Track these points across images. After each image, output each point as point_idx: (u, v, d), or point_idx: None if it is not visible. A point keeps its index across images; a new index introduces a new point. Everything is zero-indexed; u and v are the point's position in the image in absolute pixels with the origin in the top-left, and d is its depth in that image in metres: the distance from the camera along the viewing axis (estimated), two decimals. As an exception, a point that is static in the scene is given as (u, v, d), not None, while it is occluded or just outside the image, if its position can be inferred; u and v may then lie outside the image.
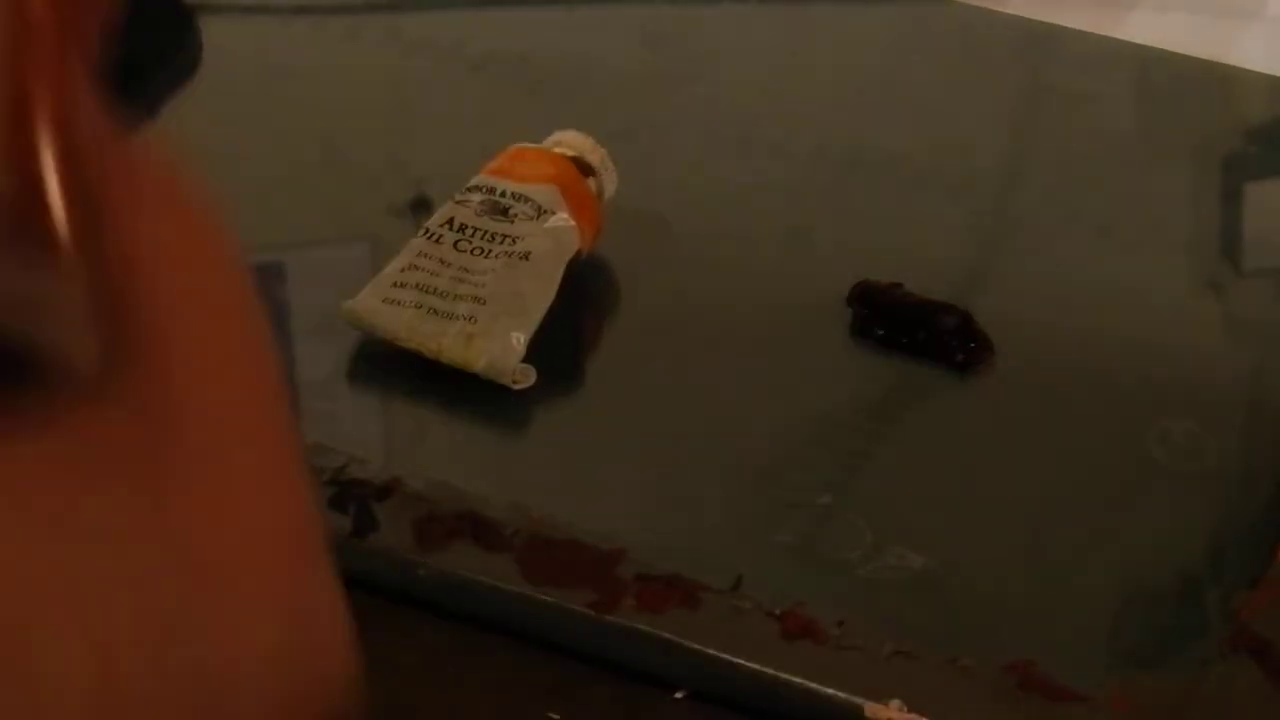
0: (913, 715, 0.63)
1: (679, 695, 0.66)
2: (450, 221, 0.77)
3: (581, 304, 0.77)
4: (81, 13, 0.28)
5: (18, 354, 0.28)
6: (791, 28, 0.93)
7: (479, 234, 0.76)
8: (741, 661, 0.65)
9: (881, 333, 0.76)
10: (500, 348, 0.73)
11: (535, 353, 0.73)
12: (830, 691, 0.64)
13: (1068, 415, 0.74)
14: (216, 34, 0.91)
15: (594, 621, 0.66)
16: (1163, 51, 0.92)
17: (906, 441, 0.72)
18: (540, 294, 0.75)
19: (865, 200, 0.83)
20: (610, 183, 0.79)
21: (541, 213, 0.76)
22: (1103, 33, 0.93)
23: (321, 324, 0.76)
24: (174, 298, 0.30)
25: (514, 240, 0.76)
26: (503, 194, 0.77)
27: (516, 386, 0.73)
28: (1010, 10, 0.94)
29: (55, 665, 0.27)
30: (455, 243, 0.76)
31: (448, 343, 0.73)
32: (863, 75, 0.90)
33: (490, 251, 0.76)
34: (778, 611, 0.66)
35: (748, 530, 0.69)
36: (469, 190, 0.77)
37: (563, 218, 0.76)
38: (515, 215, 0.76)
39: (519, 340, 0.73)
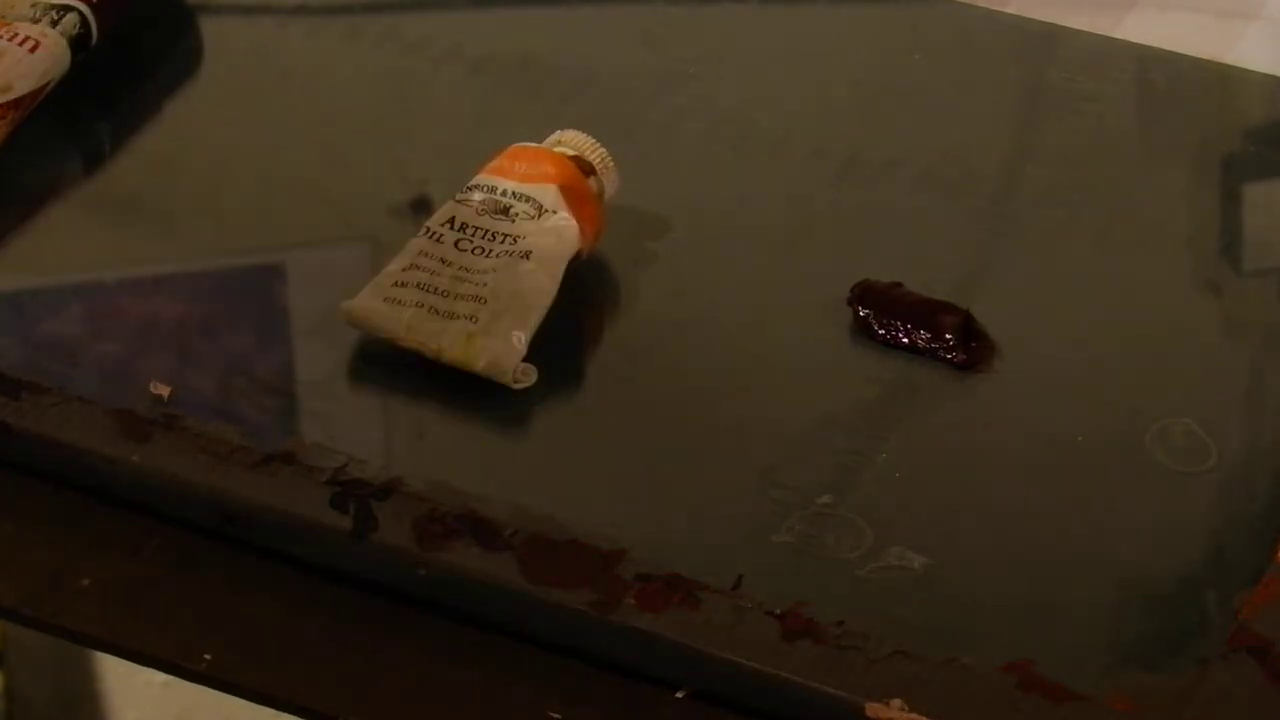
0: (913, 715, 0.63)
1: (679, 695, 0.66)
2: (451, 221, 0.77)
3: (581, 304, 0.77)
4: None
5: None
6: (791, 28, 0.93)
7: (480, 233, 0.76)
8: (741, 661, 0.65)
9: (881, 333, 0.76)
10: (501, 347, 0.73)
11: (535, 353, 0.73)
12: (830, 691, 0.64)
13: (1068, 415, 0.74)
14: (216, 34, 0.91)
15: (594, 621, 0.66)
16: (1163, 51, 0.92)
17: (906, 441, 0.72)
18: (541, 294, 0.75)
19: (865, 200, 0.83)
20: (610, 183, 0.79)
21: (542, 212, 0.76)
22: (1103, 33, 0.93)
23: (321, 324, 0.76)
24: None
25: (515, 240, 0.76)
26: (504, 193, 0.77)
27: (517, 386, 0.73)
28: (1010, 10, 0.94)
29: None
30: (456, 242, 0.76)
31: (448, 342, 0.73)
32: (862, 75, 0.90)
33: (491, 251, 0.76)
34: (778, 611, 0.66)
35: (748, 530, 0.69)
36: (470, 190, 0.77)
37: (564, 217, 0.76)
38: (516, 215, 0.76)
39: (520, 340, 0.73)
